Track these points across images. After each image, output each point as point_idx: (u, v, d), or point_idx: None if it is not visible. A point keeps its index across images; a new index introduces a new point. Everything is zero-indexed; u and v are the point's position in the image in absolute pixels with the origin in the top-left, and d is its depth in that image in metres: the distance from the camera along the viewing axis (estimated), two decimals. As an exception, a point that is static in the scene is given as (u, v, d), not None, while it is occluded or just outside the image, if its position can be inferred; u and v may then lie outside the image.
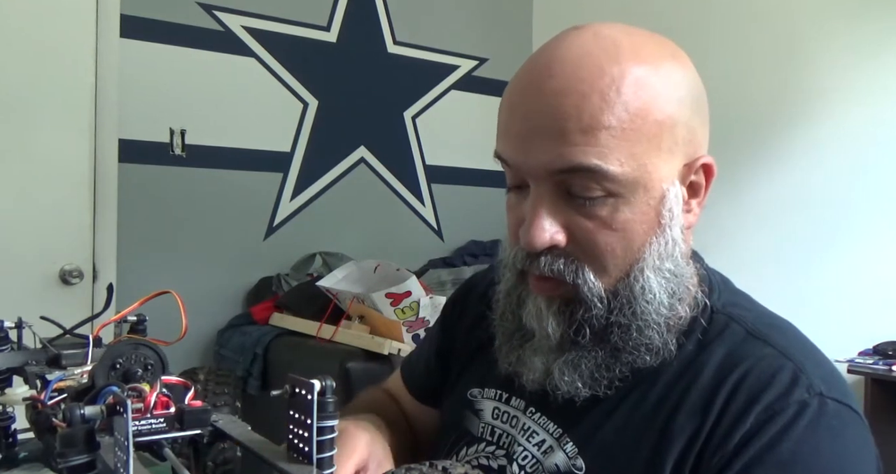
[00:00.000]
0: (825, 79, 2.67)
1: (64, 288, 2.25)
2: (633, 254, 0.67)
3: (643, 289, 0.67)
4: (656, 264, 0.67)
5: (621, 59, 0.64)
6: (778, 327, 0.72)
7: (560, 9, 3.55)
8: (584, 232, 0.66)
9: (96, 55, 2.31)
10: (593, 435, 0.71)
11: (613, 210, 0.65)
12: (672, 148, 0.66)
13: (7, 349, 0.72)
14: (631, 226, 0.66)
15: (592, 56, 0.64)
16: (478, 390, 0.83)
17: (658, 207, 0.67)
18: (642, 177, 0.65)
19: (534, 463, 0.74)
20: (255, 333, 2.59)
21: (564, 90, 0.63)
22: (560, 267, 0.67)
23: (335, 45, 3.08)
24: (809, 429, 0.62)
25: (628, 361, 0.68)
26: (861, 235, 2.56)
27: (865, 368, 2.26)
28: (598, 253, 0.66)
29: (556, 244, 0.66)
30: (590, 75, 0.63)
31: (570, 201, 0.66)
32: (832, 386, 0.66)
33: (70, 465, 0.43)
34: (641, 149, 0.64)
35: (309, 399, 0.42)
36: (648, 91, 0.64)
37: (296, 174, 2.98)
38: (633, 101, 0.63)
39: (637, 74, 0.64)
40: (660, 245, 0.67)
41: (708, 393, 0.66)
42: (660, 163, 0.65)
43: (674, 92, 0.66)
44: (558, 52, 0.66)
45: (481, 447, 0.79)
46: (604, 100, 0.62)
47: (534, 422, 0.76)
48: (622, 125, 0.63)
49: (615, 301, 0.67)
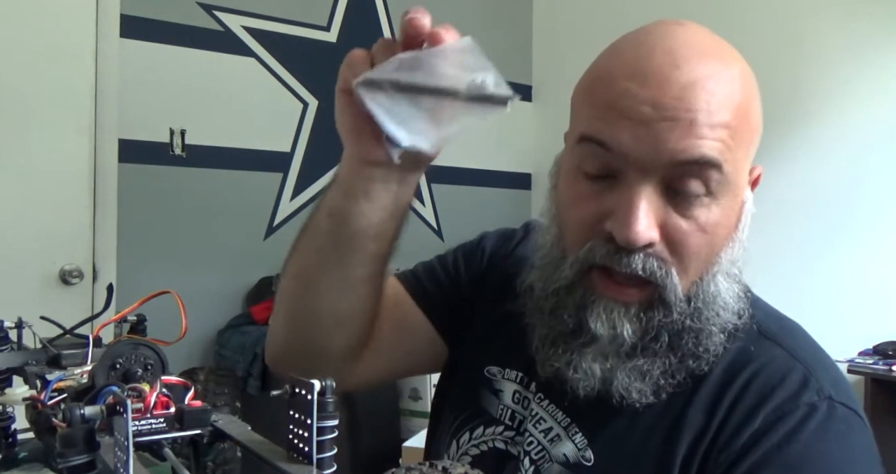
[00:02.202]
0: (826, 79, 2.67)
1: (64, 288, 2.25)
2: (713, 257, 0.66)
3: (714, 294, 0.66)
4: (728, 269, 0.67)
5: (736, 58, 0.65)
6: (789, 329, 0.72)
7: (560, 9, 3.54)
8: (679, 231, 0.63)
9: (96, 55, 2.31)
10: (604, 428, 0.70)
11: (708, 211, 0.63)
12: (752, 153, 0.66)
13: (7, 349, 0.71)
14: (718, 229, 0.65)
15: (711, 51, 0.64)
16: (497, 369, 0.79)
17: (739, 212, 0.66)
18: (736, 182, 0.64)
19: (539, 450, 0.73)
20: (255, 333, 2.59)
21: (695, 83, 0.61)
22: (653, 266, 0.63)
23: (335, 45, 3.08)
24: (818, 433, 0.62)
25: (692, 367, 0.66)
26: (861, 235, 2.56)
27: (865, 368, 2.27)
28: (687, 253, 0.64)
29: (653, 241, 0.63)
30: (715, 72, 0.62)
31: (670, 199, 0.63)
32: (840, 390, 0.66)
33: (70, 465, 0.43)
34: (742, 152, 0.64)
35: (309, 399, 0.42)
36: (749, 92, 0.64)
37: (296, 174, 2.98)
38: (744, 102, 0.63)
39: (748, 77, 0.65)
40: (733, 250, 0.67)
41: (718, 391, 0.66)
42: (745, 167, 0.66)
43: (757, 93, 0.66)
44: (676, 42, 0.63)
45: (499, 430, 0.77)
46: (727, 97, 0.62)
47: (542, 409, 0.74)
48: (736, 125, 0.62)
49: (690, 306, 0.65)
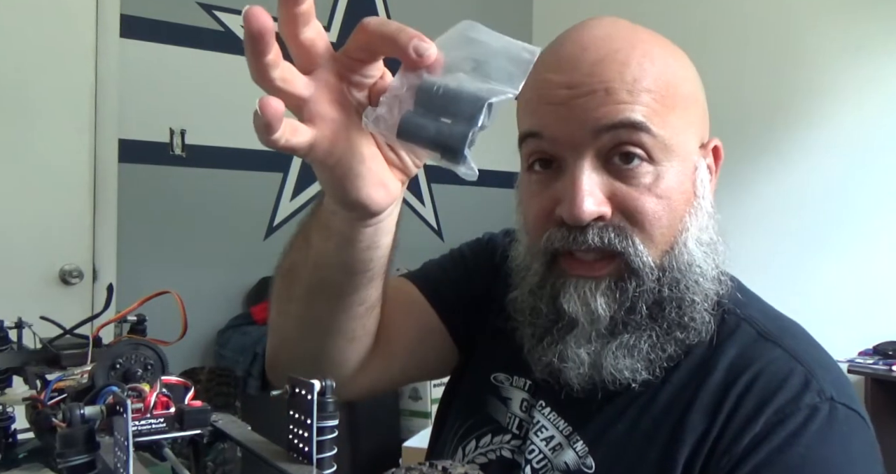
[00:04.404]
0: (824, 79, 2.67)
1: (64, 288, 2.25)
2: (676, 223, 0.67)
3: (689, 262, 0.67)
4: (697, 236, 0.68)
5: (644, 39, 0.67)
6: (789, 329, 0.72)
7: (560, 9, 3.54)
8: (630, 199, 0.65)
9: (96, 55, 2.31)
10: (604, 435, 0.70)
11: (655, 177, 0.65)
12: (695, 123, 0.69)
13: (7, 349, 0.71)
14: (672, 193, 0.66)
15: (621, 33, 0.67)
16: (505, 376, 0.79)
17: (693, 178, 0.68)
18: (677, 146, 0.66)
19: (541, 459, 0.73)
20: (255, 333, 2.59)
21: (604, 59, 0.65)
22: (611, 236, 0.65)
23: (335, 45, 3.06)
24: (820, 435, 0.62)
25: (681, 338, 0.67)
26: (861, 235, 2.56)
27: (865, 368, 2.27)
28: (646, 220, 0.65)
29: (602, 215, 0.65)
30: (624, 47, 0.65)
31: (612, 170, 0.65)
32: (842, 391, 0.66)
33: (70, 465, 0.43)
34: (675, 117, 0.66)
35: (309, 399, 0.42)
36: (673, 66, 0.67)
37: (296, 174, 2.98)
38: (663, 72, 0.66)
39: (660, 52, 0.67)
40: (698, 217, 0.68)
41: (718, 394, 0.66)
42: (688, 135, 0.68)
43: (691, 73, 0.69)
44: (585, 32, 0.68)
45: (506, 438, 0.77)
46: (641, 67, 0.65)
47: (544, 417, 0.74)
48: (660, 91, 0.65)
49: (665, 276, 0.66)
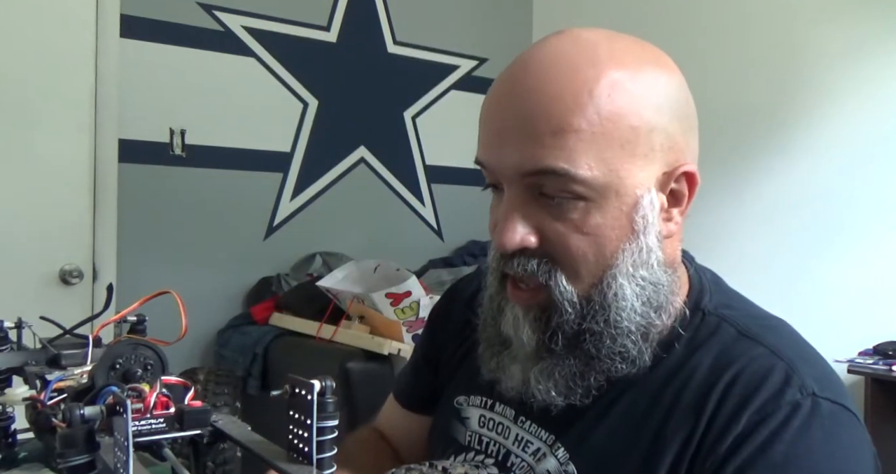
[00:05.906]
0: (825, 79, 2.67)
1: (64, 288, 2.25)
2: (605, 259, 0.66)
3: (616, 295, 0.66)
4: (630, 271, 0.66)
5: (598, 63, 0.63)
6: (770, 326, 0.71)
7: (560, 9, 3.54)
8: (556, 234, 0.65)
9: (96, 55, 2.31)
10: (584, 441, 0.70)
11: (585, 214, 0.64)
12: (648, 154, 0.65)
13: (7, 349, 0.72)
14: (602, 230, 0.65)
15: (568, 58, 0.64)
16: (464, 398, 0.82)
17: (631, 213, 0.65)
18: (613, 182, 0.64)
19: (527, 470, 0.73)
20: (255, 333, 2.59)
21: (536, 91, 0.63)
22: (533, 267, 0.66)
23: (335, 45, 3.08)
24: (802, 430, 0.62)
25: (603, 369, 0.67)
26: (861, 235, 2.56)
27: (865, 368, 2.26)
28: (570, 257, 0.66)
29: (527, 245, 0.66)
30: (563, 76, 0.63)
31: (542, 203, 0.65)
32: (825, 385, 0.65)
33: (70, 465, 0.44)
34: (613, 153, 0.63)
35: (309, 399, 0.42)
36: (624, 95, 0.63)
37: (296, 174, 2.98)
38: (605, 105, 0.62)
39: (613, 78, 0.63)
40: (633, 252, 0.66)
41: (700, 396, 0.66)
42: (634, 168, 0.64)
43: (652, 98, 0.64)
44: (534, 54, 0.66)
45: (469, 456, 0.78)
46: (575, 102, 0.62)
47: (525, 431, 0.75)
48: (592, 129, 0.62)
49: (588, 307, 0.66)
